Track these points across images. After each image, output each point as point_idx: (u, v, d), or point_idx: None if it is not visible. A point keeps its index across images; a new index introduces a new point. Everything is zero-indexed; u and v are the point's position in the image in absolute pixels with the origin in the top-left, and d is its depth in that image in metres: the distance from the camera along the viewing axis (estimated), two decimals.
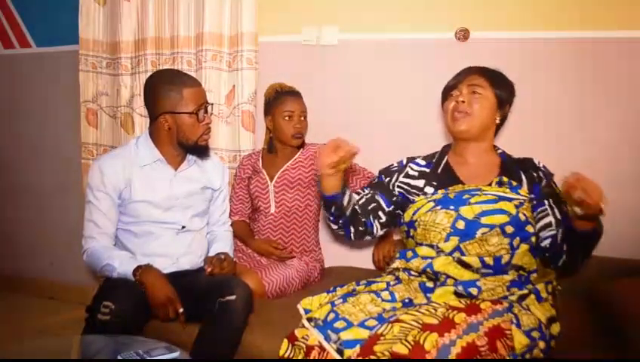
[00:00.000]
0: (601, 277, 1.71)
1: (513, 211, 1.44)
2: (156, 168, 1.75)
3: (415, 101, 2.13)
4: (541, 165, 1.55)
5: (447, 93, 1.61)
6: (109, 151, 1.84)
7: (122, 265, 1.63)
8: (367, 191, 1.64)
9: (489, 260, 1.42)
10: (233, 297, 1.55)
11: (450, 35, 2.06)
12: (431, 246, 1.49)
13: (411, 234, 1.55)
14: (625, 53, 1.91)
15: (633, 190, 1.93)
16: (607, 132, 1.95)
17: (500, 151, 1.61)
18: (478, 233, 1.43)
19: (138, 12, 2.39)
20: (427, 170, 1.63)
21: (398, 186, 1.63)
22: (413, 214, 1.55)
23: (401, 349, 1.16)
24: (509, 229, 1.43)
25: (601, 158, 1.96)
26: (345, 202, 1.50)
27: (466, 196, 1.49)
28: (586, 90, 1.96)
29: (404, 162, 1.68)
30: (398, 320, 1.26)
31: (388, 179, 1.66)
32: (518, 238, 1.43)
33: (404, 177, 1.64)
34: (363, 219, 1.57)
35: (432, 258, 1.47)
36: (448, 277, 1.43)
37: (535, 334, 1.33)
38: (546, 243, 1.43)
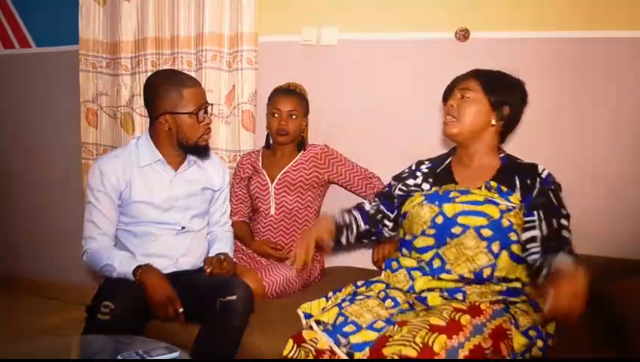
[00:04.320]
0: (601, 277, 1.71)
1: (496, 215, 1.41)
2: (156, 169, 1.75)
3: (415, 101, 2.13)
4: (544, 174, 1.48)
5: (445, 97, 1.61)
6: (109, 152, 1.84)
7: (122, 266, 1.63)
8: (375, 202, 1.72)
9: (469, 275, 1.40)
10: (234, 297, 1.55)
11: (450, 35, 2.06)
12: (416, 250, 1.50)
13: (402, 224, 1.62)
14: (626, 54, 1.91)
15: (633, 190, 1.93)
16: (607, 132, 1.95)
17: (502, 154, 1.57)
18: (453, 231, 1.43)
19: (138, 12, 2.39)
20: (428, 170, 1.66)
21: (399, 190, 1.67)
22: (407, 206, 1.59)
23: (410, 352, 1.17)
24: (486, 232, 1.40)
25: (601, 159, 1.96)
26: (344, 241, 1.67)
27: (453, 194, 1.50)
28: (585, 90, 1.96)
29: (414, 167, 1.71)
30: (405, 322, 1.27)
31: (394, 185, 1.70)
32: (497, 242, 1.39)
33: (409, 180, 1.67)
34: (373, 230, 1.70)
35: (413, 270, 1.48)
36: (425, 301, 1.42)
37: (532, 333, 1.34)
38: (530, 259, 1.38)
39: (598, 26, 1.91)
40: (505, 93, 1.53)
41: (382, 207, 1.69)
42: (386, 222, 1.69)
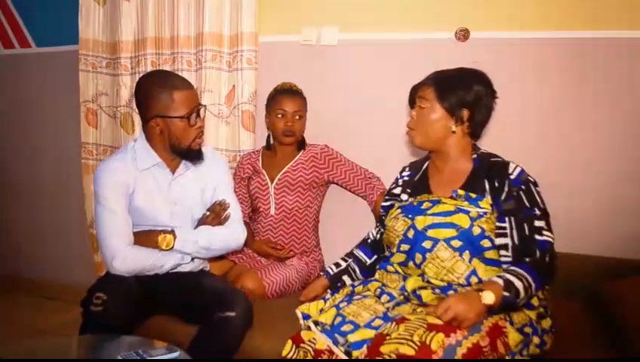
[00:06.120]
0: (601, 277, 1.71)
1: (466, 225, 1.38)
2: (155, 172, 1.71)
3: None
4: (514, 173, 1.42)
5: (410, 105, 1.59)
6: (110, 157, 1.79)
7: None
8: (378, 228, 1.73)
9: (456, 285, 1.38)
10: (233, 314, 1.52)
11: (450, 35, 2.06)
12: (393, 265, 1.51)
13: (383, 236, 1.61)
14: (625, 53, 1.91)
15: (633, 190, 1.93)
16: (607, 132, 1.95)
17: (475, 155, 1.51)
18: (423, 245, 1.41)
19: (138, 12, 2.39)
20: (408, 178, 1.65)
21: (386, 202, 1.68)
22: (387, 219, 1.58)
23: (408, 350, 1.17)
24: (456, 243, 1.38)
25: (600, 159, 1.96)
26: (349, 282, 1.65)
27: (425, 205, 1.48)
28: (585, 90, 1.96)
29: (398, 175, 1.71)
30: (403, 319, 1.27)
31: (385, 203, 1.69)
32: (467, 252, 1.37)
33: (395, 189, 1.67)
34: (382, 255, 1.64)
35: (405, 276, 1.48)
36: (420, 299, 1.41)
37: (527, 329, 1.34)
38: (504, 267, 1.36)
39: (598, 26, 1.91)
40: (460, 96, 1.47)
41: (382, 229, 1.66)
42: None
